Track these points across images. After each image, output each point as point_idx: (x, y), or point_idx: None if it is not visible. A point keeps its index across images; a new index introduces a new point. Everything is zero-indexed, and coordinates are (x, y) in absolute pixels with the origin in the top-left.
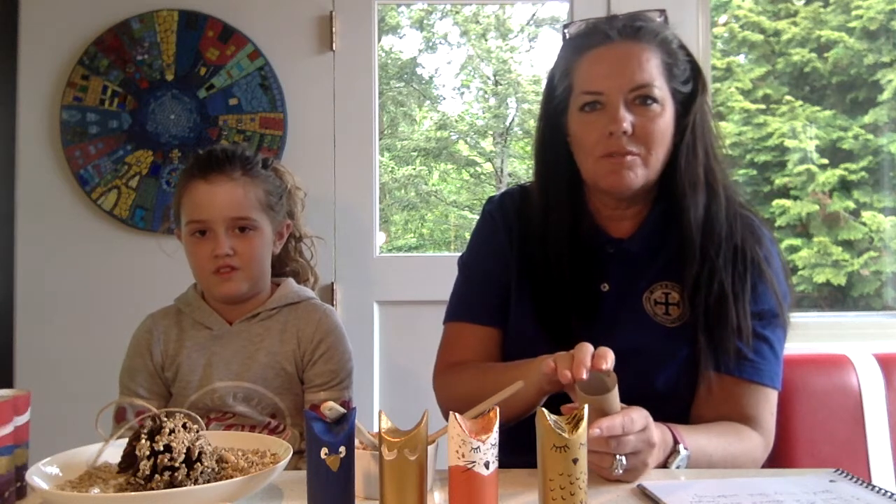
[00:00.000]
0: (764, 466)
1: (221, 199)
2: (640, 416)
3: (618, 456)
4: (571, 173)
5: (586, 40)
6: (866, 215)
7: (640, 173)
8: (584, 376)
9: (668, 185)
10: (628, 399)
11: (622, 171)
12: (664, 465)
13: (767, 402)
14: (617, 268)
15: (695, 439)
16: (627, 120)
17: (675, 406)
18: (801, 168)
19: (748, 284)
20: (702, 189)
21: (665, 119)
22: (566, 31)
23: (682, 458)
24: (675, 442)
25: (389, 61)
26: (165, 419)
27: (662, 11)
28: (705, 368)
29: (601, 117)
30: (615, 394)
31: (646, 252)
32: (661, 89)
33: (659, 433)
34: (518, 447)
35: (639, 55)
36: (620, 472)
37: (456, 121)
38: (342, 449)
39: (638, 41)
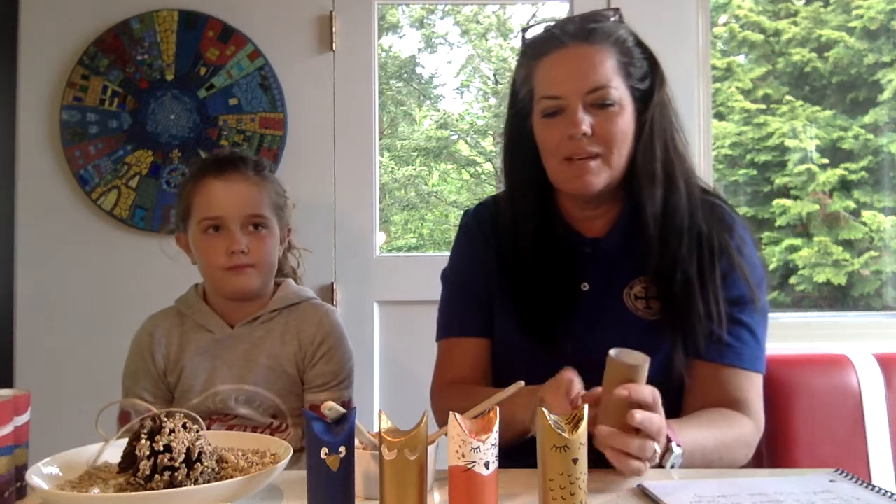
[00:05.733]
0: (764, 466)
1: (238, 195)
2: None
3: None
4: (539, 177)
5: (542, 45)
6: (866, 215)
7: (603, 175)
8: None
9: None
10: None
11: (584, 175)
12: (660, 465)
13: (752, 385)
14: (595, 267)
15: (687, 433)
16: (586, 122)
17: (666, 399)
18: (802, 168)
19: (717, 271)
20: (660, 183)
21: (624, 118)
22: (525, 35)
23: (677, 455)
24: (668, 440)
25: (389, 61)
26: (165, 419)
27: (617, 10)
28: (686, 357)
29: (561, 121)
30: (646, 370)
31: (622, 249)
32: (617, 89)
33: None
34: (518, 448)
35: (593, 57)
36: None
37: (456, 120)
38: (342, 449)
39: (591, 43)
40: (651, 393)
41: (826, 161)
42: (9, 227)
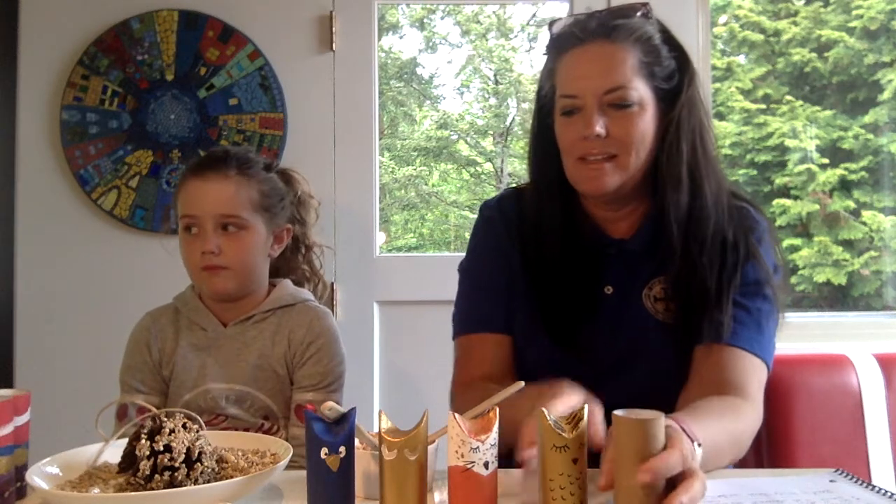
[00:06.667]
0: (764, 466)
1: (211, 195)
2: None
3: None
4: (563, 175)
5: (564, 41)
6: (866, 215)
7: (617, 177)
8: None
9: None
10: (637, 400)
11: (597, 176)
12: None
13: (753, 370)
14: (618, 269)
15: (703, 427)
16: (600, 123)
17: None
18: (802, 168)
19: (737, 280)
20: (684, 188)
21: (644, 120)
22: (552, 29)
23: (698, 455)
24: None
25: (389, 61)
26: (165, 419)
27: (645, 4)
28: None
29: (577, 120)
30: (660, 425)
31: (645, 251)
32: (637, 90)
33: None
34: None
35: (612, 56)
36: None
37: (456, 120)
38: (342, 449)
39: (612, 41)
40: (678, 458)
41: (826, 161)
42: (9, 227)
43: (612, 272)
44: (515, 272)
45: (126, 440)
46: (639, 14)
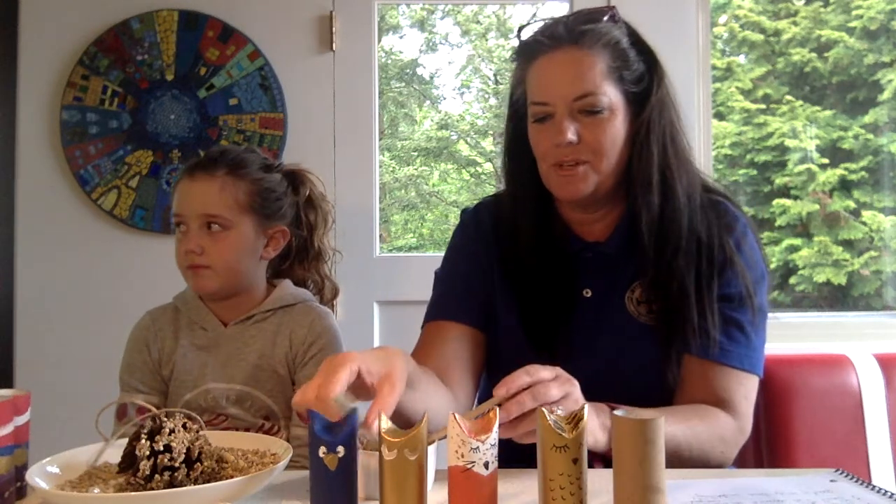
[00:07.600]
0: (764, 466)
1: (196, 195)
2: (541, 367)
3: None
4: (538, 180)
5: (533, 48)
6: (866, 215)
7: (591, 181)
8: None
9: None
10: (623, 402)
11: (572, 182)
12: None
13: (740, 385)
14: (597, 272)
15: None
16: (571, 130)
17: (668, 405)
18: (802, 168)
19: (715, 279)
20: (657, 189)
21: (615, 125)
22: (520, 35)
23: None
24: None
25: (390, 62)
26: (165, 419)
27: (611, 9)
28: (675, 357)
29: (549, 128)
30: (661, 426)
31: (623, 253)
32: (607, 95)
33: (593, 411)
34: (518, 447)
35: (581, 62)
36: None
37: (457, 120)
38: (340, 448)
39: (580, 47)
40: (521, 374)
41: (826, 161)
42: (9, 227)
43: (591, 275)
44: (492, 277)
45: (126, 440)
46: (606, 18)
